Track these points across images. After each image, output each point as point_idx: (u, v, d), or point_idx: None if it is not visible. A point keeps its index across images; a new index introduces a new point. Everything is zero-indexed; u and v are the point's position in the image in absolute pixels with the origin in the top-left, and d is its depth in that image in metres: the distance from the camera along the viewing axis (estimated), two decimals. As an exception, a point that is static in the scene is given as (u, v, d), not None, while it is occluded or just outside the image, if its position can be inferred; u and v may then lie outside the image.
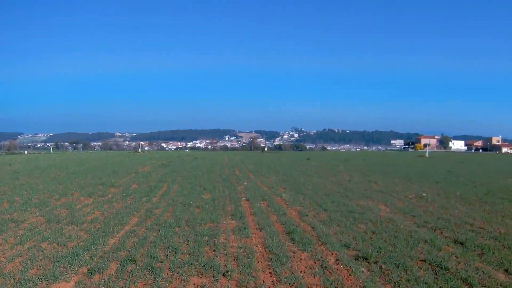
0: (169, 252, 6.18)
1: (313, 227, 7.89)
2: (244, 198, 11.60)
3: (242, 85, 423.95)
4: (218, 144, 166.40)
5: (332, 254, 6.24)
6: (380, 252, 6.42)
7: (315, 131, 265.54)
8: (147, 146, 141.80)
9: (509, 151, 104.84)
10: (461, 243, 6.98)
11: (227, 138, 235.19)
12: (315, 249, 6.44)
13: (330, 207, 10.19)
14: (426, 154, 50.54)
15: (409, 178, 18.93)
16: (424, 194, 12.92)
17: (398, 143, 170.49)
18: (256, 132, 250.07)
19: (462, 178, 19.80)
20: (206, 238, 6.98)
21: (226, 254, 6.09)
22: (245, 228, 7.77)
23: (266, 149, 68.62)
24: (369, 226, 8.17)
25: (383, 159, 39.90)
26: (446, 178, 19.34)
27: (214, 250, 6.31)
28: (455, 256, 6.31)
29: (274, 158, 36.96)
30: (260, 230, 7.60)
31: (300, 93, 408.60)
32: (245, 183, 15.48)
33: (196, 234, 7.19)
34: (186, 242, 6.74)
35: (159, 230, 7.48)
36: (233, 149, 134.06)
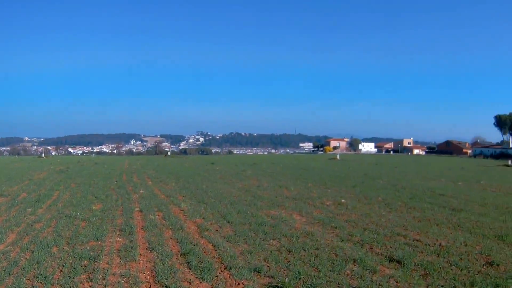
0: (38, 282, 5.66)
1: (215, 246, 7.49)
2: (138, 209, 11.48)
3: (147, 88, 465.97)
4: (124, 149, 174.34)
5: (239, 284, 5.67)
6: (300, 279, 5.73)
7: (221, 135, 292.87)
8: (54, 151, 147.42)
9: (420, 153, 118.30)
10: (398, 261, 6.58)
11: (132, 143, 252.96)
12: (217, 276, 5.95)
13: (235, 219, 9.92)
14: (338, 157, 54.71)
15: (323, 182, 19.54)
16: (343, 201, 13.16)
17: (307, 146, 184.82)
18: (162, 136, 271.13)
19: (380, 181, 20.93)
20: (85, 262, 6.54)
21: (105, 286, 5.57)
22: (132, 248, 7.37)
23: (169, 153, 70.82)
24: (283, 242, 7.73)
25: (293, 162, 41.69)
26: (363, 181, 20.29)
27: (92, 279, 5.79)
28: (395, 280, 5.79)
29: (177, 163, 38.13)
30: (151, 251, 7.21)
31: (206, 96, 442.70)
32: (141, 191, 15.48)
33: (75, 257, 6.78)
34: (60, 268, 6.28)
35: (34, 251, 7.07)
36: (138, 153, 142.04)
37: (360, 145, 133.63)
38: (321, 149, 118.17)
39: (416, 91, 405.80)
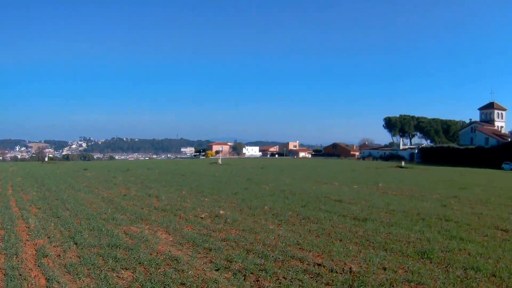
0: None
1: (48, 280, 6.44)
2: (-25, 227, 10.39)
3: (31, 92, 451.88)
4: (9, 155, 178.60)
5: None
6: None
7: (103, 140, 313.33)
8: None
9: (306, 156, 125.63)
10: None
11: (17, 149, 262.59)
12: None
13: (85, 239, 8.91)
14: (219, 161, 56.01)
15: (201, 189, 18.91)
16: (221, 212, 12.35)
17: (189, 150, 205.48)
18: (46, 142, 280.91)
19: (266, 186, 20.23)
20: None
21: None
22: None
23: (46, 159, 71.68)
24: (137, 274, 6.62)
25: (172, 168, 41.31)
26: (246, 187, 19.82)
27: None
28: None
29: (50, 169, 37.14)
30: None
31: (89, 101, 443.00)
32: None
33: None
34: None
35: None
36: (23, 159, 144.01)
37: (244, 149, 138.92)
38: (203, 153, 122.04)
39: (302, 95, 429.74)
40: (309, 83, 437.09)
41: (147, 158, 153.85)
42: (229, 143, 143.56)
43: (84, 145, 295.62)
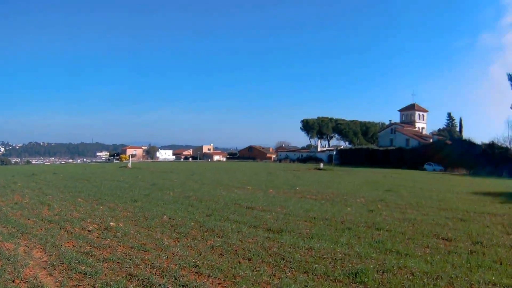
0: None
1: None
2: None
3: None
4: None
5: None
6: None
7: (20, 145, 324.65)
8: None
9: (221, 159, 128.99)
10: None
11: None
12: None
13: None
14: (129, 165, 56.70)
15: (98, 196, 17.92)
16: (112, 224, 11.28)
17: (104, 154, 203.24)
18: None
19: (171, 192, 19.23)
20: None
21: None
22: None
23: None
24: None
25: (79, 172, 40.46)
26: (149, 193, 18.94)
27: None
28: None
29: None
30: None
31: (5, 105, 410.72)
32: None
33: None
34: None
35: None
36: None
37: (158, 152, 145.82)
38: (117, 157, 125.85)
39: (217, 98, 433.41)
40: (224, 86, 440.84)
41: (63, 162, 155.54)
42: (144, 147, 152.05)
43: (2, 149, 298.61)
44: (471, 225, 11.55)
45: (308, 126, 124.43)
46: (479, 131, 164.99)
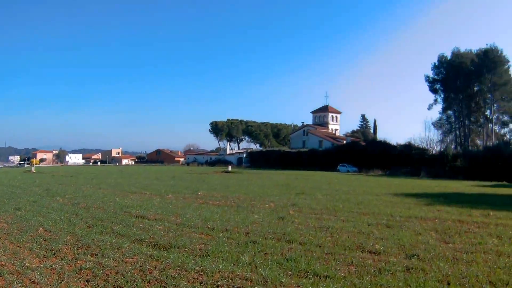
0: None
1: None
2: None
3: None
4: None
5: None
6: None
7: None
8: None
9: (130, 163, 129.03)
10: None
11: None
12: None
13: None
14: (33, 169, 55.66)
15: None
16: None
17: (16, 159, 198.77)
18: None
19: (60, 199, 17.96)
20: None
21: None
22: None
23: None
24: None
25: None
26: (37, 200, 17.50)
27: None
28: None
29: None
30: None
31: None
32: None
33: None
34: None
35: None
36: None
37: (67, 156, 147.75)
38: (28, 162, 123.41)
39: (124, 102, 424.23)
40: (132, 90, 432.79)
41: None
42: (54, 151, 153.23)
43: None
44: (400, 233, 10.04)
45: (217, 129, 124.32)
46: (398, 132, 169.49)
